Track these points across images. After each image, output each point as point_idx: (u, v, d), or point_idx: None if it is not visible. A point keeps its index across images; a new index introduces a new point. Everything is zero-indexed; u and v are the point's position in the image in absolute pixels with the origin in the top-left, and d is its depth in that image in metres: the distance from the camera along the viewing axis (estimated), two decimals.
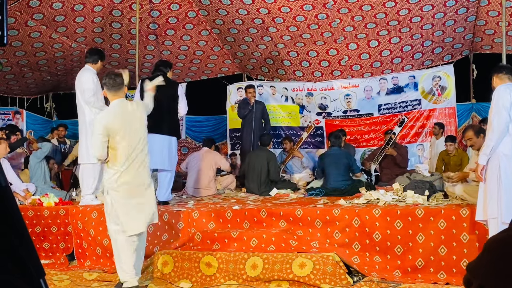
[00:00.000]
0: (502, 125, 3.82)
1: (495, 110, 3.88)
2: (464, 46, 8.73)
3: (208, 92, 10.44)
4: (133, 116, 4.09)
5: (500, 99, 3.86)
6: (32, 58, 8.73)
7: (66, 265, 5.30)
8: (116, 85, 4.08)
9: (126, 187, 4.01)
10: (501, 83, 4.02)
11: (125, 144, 4.00)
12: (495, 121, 3.85)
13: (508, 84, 3.99)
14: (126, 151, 4.00)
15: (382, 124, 9.10)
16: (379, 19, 7.93)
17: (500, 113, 3.83)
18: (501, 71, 4.09)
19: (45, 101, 11.09)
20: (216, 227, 5.01)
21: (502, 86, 3.95)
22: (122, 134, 4.00)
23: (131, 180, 4.02)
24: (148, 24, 8.34)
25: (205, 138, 7.69)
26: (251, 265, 4.43)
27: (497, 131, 3.83)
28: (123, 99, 4.16)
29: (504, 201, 3.78)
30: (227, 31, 8.63)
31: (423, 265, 4.31)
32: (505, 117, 3.82)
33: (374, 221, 4.50)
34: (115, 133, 3.99)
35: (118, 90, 4.10)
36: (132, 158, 4.01)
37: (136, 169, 4.03)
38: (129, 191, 4.02)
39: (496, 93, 3.93)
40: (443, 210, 4.36)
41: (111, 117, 4.06)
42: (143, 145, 4.10)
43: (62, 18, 7.68)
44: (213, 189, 7.06)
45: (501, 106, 3.84)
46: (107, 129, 3.99)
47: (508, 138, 3.85)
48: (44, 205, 5.62)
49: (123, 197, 4.03)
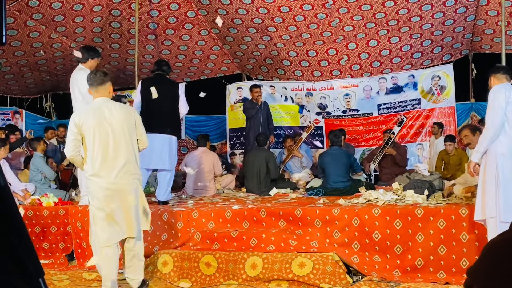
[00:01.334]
0: (497, 124, 3.84)
1: (490, 109, 3.91)
2: (463, 45, 8.73)
3: (207, 92, 10.42)
4: (114, 118, 3.81)
5: (496, 99, 3.88)
6: (32, 58, 8.73)
7: (65, 265, 5.30)
8: (96, 81, 3.85)
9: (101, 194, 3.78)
10: (499, 83, 4.03)
11: (99, 146, 3.75)
12: (490, 120, 3.88)
13: (505, 84, 4.01)
14: (100, 154, 3.75)
15: (382, 124, 9.11)
16: (378, 18, 7.93)
17: (495, 112, 3.85)
18: (499, 71, 4.10)
19: (45, 101, 11.08)
20: (215, 226, 5.01)
21: (498, 85, 3.97)
22: (93, 135, 3.75)
23: (106, 186, 3.77)
24: (148, 23, 8.34)
25: (199, 136, 7.60)
26: (250, 264, 4.43)
27: (492, 130, 3.85)
28: (106, 99, 3.90)
29: (502, 199, 3.78)
30: (227, 31, 8.63)
31: (423, 265, 4.31)
32: (500, 116, 3.83)
33: (374, 220, 4.51)
34: (85, 132, 3.77)
35: (98, 86, 3.86)
36: (108, 162, 3.76)
37: (114, 175, 3.77)
38: (104, 198, 3.77)
39: (492, 93, 3.96)
40: (442, 209, 4.36)
41: (84, 114, 3.83)
42: (126, 151, 3.81)
43: (61, 18, 7.68)
44: (213, 189, 7.06)
45: (497, 106, 3.86)
46: (77, 126, 3.77)
47: (505, 138, 3.86)
48: (43, 205, 5.62)
49: (95, 204, 3.82)
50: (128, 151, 3.85)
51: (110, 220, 3.78)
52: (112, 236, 3.80)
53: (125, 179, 3.82)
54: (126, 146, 3.84)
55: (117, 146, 3.79)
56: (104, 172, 3.78)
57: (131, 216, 3.83)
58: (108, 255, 3.83)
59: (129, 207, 3.83)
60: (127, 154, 3.83)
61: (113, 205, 3.78)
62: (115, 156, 3.78)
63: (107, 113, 3.81)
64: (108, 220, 3.77)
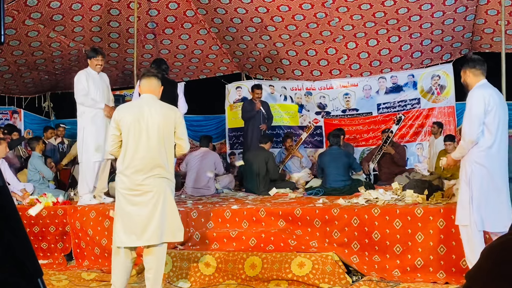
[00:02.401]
0: (473, 136, 3.68)
1: (467, 118, 3.76)
2: (463, 45, 8.73)
3: (206, 92, 10.43)
4: (152, 117, 3.66)
5: (474, 107, 3.72)
6: (30, 57, 8.72)
7: (64, 265, 5.30)
8: (147, 74, 3.79)
9: (125, 193, 3.66)
10: (476, 79, 3.87)
11: (132, 145, 3.63)
12: (467, 129, 3.73)
13: (483, 86, 3.84)
14: (131, 152, 3.63)
15: (381, 123, 9.11)
16: (378, 18, 7.93)
17: (472, 122, 3.70)
18: (475, 66, 3.91)
19: (43, 101, 11.08)
20: (215, 226, 5.01)
21: (477, 91, 3.79)
22: (128, 132, 3.63)
23: (131, 187, 3.63)
24: (146, 23, 8.33)
25: (202, 137, 7.65)
26: (250, 264, 4.43)
27: (468, 140, 3.71)
28: (152, 96, 3.78)
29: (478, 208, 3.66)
30: (226, 30, 8.63)
31: (423, 265, 4.31)
32: (477, 127, 3.67)
33: (373, 220, 4.51)
34: (122, 128, 3.66)
35: (151, 79, 3.78)
36: (136, 162, 3.62)
37: (142, 177, 3.61)
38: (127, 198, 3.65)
39: (471, 99, 3.78)
40: (442, 209, 4.37)
41: (124, 110, 3.73)
42: (158, 153, 3.65)
43: (60, 17, 7.67)
44: (212, 189, 7.06)
45: (474, 115, 3.69)
46: (116, 122, 3.69)
47: (483, 146, 3.71)
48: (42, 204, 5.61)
49: (117, 202, 3.72)
50: (161, 153, 3.66)
51: (128, 222, 3.61)
52: (125, 240, 3.62)
53: (153, 183, 3.62)
54: (159, 148, 3.66)
55: (149, 147, 3.62)
56: (132, 171, 3.62)
57: (152, 223, 3.59)
58: (117, 259, 3.68)
59: (153, 213, 3.60)
60: (159, 156, 3.65)
61: (134, 207, 3.61)
62: (145, 157, 3.61)
63: (146, 111, 3.67)
64: (125, 222, 3.62)
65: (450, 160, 4.03)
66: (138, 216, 3.60)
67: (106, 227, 5.11)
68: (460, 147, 3.83)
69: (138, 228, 3.60)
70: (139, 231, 3.59)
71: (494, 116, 3.71)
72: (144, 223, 3.60)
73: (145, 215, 3.60)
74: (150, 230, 3.59)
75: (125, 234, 3.61)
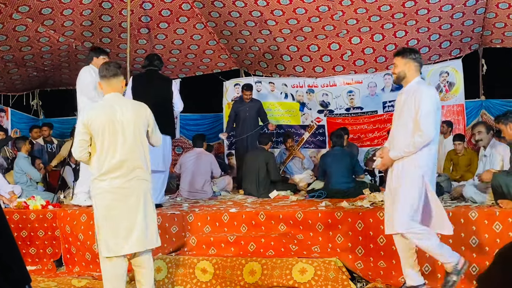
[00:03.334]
0: (433, 132, 3.57)
1: (426, 113, 3.58)
2: (473, 40, 8.74)
3: (203, 89, 10.44)
4: (125, 117, 3.65)
5: (429, 103, 3.60)
6: (18, 53, 8.72)
7: (53, 271, 5.30)
8: (108, 73, 3.69)
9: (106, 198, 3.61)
10: (416, 74, 3.77)
11: (107, 148, 3.59)
12: (427, 125, 3.57)
13: (424, 82, 3.83)
14: (108, 155, 3.58)
15: (387, 122, 9.11)
16: (383, 11, 7.94)
17: (431, 118, 3.58)
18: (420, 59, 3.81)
19: (31, 99, 11.08)
20: (212, 231, 5.01)
21: (425, 86, 3.71)
22: (102, 135, 3.59)
23: (112, 190, 3.60)
24: (140, 17, 8.33)
25: (195, 136, 7.61)
26: (249, 271, 4.43)
27: (426, 137, 3.56)
28: (118, 95, 3.75)
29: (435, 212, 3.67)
30: (224, 24, 8.63)
31: (430, 271, 4.32)
32: (434, 124, 3.60)
33: (379, 224, 4.51)
34: (93, 131, 3.60)
35: (110, 79, 3.70)
36: (116, 165, 3.58)
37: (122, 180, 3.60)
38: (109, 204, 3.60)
39: (425, 92, 3.64)
40: (451, 212, 4.36)
41: (93, 113, 3.63)
42: (137, 153, 3.65)
43: (49, 10, 7.67)
44: (209, 192, 7.07)
45: (432, 111, 3.60)
46: (85, 126, 3.60)
47: (432, 147, 3.66)
48: (30, 208, 5.61)
49: (99, 210, 3.62)
50: (139, 154, 3.68)
51: (112, 228, 3.59)
52: (113, 247, 3.58)
53: (134, 185, 3.64)
54: (137, 149, 3.67)
55: (127, 148, 3.61)
56: (111, 176, 3.59)
57: (138, 226, 3.62)
58: (109, 270, 3.63)
59: (136, 216, 3.62)
60: (137, 157, 3.66)
61: (118, 211, 3.59)
62: (124, 158, 3.60)
63: (118, 111, 3.63)
64: (109, 228, 3.59)
65: (387, 160, 3.79)
66: (121, 222, 3.59)
67: None
68: (413, 144, 3.61)
69: (122, 234, 3.59)
70: (124, 236, 3.59)
71: (439, 116, 3.71)
72: (129, 229, 3.60)
73: (128, 220, 3.60)
74: (135, 236, 3.60)
75: (111, 241, 3.58)
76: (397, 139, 3.77)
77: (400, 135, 3.75)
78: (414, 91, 3.69)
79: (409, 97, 3.70)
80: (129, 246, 3.60)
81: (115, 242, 3.57)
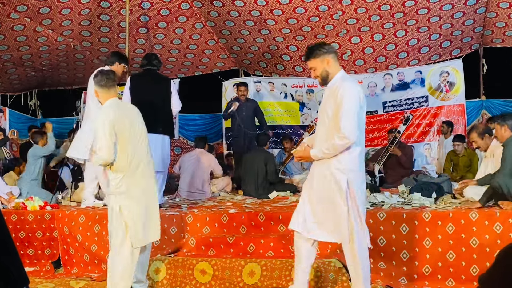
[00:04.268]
0: (355, 136, 3.32)
1: (347, 114, 3.31)
2: (473, 39, 8.75)
3: (202, 89, 10.44)
4: (134, 116, 4.03)
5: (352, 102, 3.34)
6: (16, 52, 8.72)
7: (51, 272, 5.29)
8: (109, 83, 3.97)
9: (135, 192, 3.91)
10: (338, 68, 3.57)
11: (131, 146, 3.91)
12: (348, 126, 3.30)
13: (349, 78, 3.58)
14: (131, 153, 3.90)
15: (387, 123, 9.13)
16: (383, 11, 7.94)
17: (353, 119, 3.33)
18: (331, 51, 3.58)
19: (29, 99, 11.07)
20: (211, 232, 5.01)
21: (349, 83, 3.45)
22: (128, 136, 3.89)
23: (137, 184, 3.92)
24: (139, 16, 8.33)
25: (197, 138, 7.68)
26: (248, 272, 4.43)
27: (349, 140, 3.31)
28: (117, 99, 4.06)
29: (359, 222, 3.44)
30: (223, 23, 8.63)
31: (431, 272, 4.32)
32: (356, 125, 3.34)
33: (379, 225, 4.51)
34: (119, 132, 3.84)
35: (110, 89, 3.98)
36: (137, 161, 3.92)
37: (141, 174, 3.95)
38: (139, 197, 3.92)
39: (343, 92, 3.37)
40: (451, 213, 4.37)
41: (119, 114, 3.89)
42: (147, 149, 4.07)
43: (47, 10, 7.67)
44: (208, 192, 7.07)
45: (353, 111, 3.33)
46: (113, 127, 3.80)
47: (355, 150, 3.42)
48: (28, 209, 5.61)
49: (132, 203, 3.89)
50: (148, 151, 4.07)
51: (144, 220, 3.93)
52: (143, 238, 3.94)
53: (151, 180, 4.04)
54: (146, 148, 4.05)
55: (142, 147, 4.00)
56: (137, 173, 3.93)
57: (157, 217, 4.04)
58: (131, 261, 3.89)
59: (156, 209, 4.04)
60: (149, 155, 4.07)
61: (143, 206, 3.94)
62: (140, 157, 3.96)
63: (130, 112, 4.03)
64: (142, 221, 3.92)
65: (307, 154, 3.56)
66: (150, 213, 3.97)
67: (96, 233, 5.11)
68: (333, 146, 3.36)
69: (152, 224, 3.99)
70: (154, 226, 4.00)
71: (364, 116, 3.49)
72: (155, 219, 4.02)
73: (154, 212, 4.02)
74: (156, 225, 4.02)
75: (142, 233, 3.92)
76: (320, 138, 3.52)
77: (322, 133, 3.51)
78: (337, 87, 3.44)
79: (331, 93, 3.46)
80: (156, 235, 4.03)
81: (145, 233, 3.92)
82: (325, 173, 3.47)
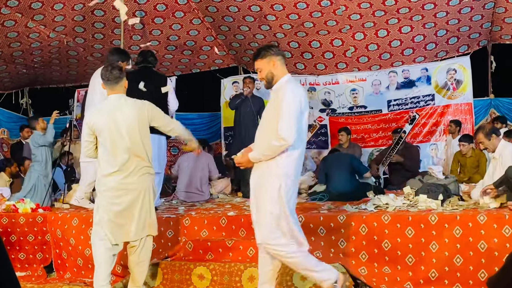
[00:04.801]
0: (292, 138, 3.37)
1: (287, 116, 3.39)
2: (481, 35, 8.75)
3: (200, 87, 10.44)
4: (125, 116, 4.04)
5: (291, 104, 3.42)
6: (6, 49, 8.71)
7: (44, 277, 5.29)
8: (112, 78, 4.07)
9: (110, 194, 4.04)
10: (284, 71, 3.64)
11: (110, 146, 4.00)
12: (286, 128, 3.37)
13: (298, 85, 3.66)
14: (113, 153, 4.00)
15: (392, 122, 9.13)
16: (388, 6, 7.94)
17: (289, 123, 3.38)
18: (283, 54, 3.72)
19: (21, 97, 11.07)
20: (209, 235, 5.01)
21: (290, 85, 3.53)
22: (104, 135, 4.00)
23: (116, 186, 4.01)
24: (134, 11, 8.32)
25: (197, 140, 7.65)
26: (247, 277, 4.43)
27: (287, 142, 3.37)
28: (121, 95, 4.13)
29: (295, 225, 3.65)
30: (221, 19, 8.63)
31: (437, 277, 4.31)
32: (295, 128, 3.41)
33: (383, 228, 4.51)
34: (97, 132, 4.03)
35: (115, 84, 4.09)
36: (120, 162, 3.99)
37: (126, 175, 4.01)
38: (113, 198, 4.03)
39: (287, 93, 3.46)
40: (458, 216, 4.37)
41: (97, 114, 4.09)
42: (138, 150, 4.06)
43: (39, 5, 7.66)
44: (206, 194, 7.06)
45: (294, 116, 3.41)
46: (89, 127, 4.05)
47: (292, 155, 3.50)
48: (19, 211, 5.61)
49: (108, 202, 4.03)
50: (140, 150, 4.07)
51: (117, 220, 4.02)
52: (111, 238, 4.02)
53: (136, 179, 4.05)
54: (138, 146, 4.06)
55: (128, 146, 4.01)
56: (116, 172, 4.00)
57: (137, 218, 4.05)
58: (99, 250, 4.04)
59: (136, 208, 4.05)
60: (139, 154, 4.07)
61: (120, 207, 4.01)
62: (126, 157, 4.01)
63: (118, 112, 4.03)
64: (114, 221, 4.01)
65: (245, 158, 3.62)
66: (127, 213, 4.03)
67: (90, 236, 5.10)
68: (270, 148, 3.45)
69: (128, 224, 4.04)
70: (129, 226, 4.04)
71: (306, 120, 3.58)
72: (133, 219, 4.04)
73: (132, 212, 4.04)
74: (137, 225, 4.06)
75: (111, 233, 4.02)
76: (260, 140, 3.62)
77: (262, 136, 3.59)
78: (279, 90, 3.55)
79: (275, 97, 3.56)
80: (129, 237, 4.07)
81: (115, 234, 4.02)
82: (264, 177, 3.55)
